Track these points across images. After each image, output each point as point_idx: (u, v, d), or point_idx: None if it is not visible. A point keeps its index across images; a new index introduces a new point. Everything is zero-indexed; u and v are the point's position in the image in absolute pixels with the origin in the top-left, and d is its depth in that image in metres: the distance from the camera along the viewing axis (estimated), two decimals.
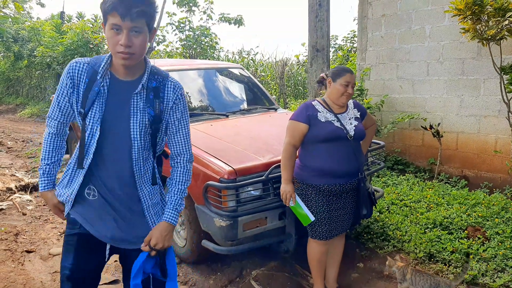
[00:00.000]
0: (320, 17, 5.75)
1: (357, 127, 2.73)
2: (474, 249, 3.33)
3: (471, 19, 4.03)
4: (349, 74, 2.70)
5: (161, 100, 1.76)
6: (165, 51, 13.17)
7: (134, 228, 1.79)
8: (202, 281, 3.22)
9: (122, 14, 1.55)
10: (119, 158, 1.72)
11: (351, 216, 2.82)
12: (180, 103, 1.81)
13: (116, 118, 1.69)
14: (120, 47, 1.59)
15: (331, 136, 2.63)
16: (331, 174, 2.65)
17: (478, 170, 5.07)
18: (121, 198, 1.76)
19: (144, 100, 1.72)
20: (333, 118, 2.70)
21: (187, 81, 4.47)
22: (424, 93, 5.50)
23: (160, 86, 1.76)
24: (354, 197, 2.78)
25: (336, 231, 2.78)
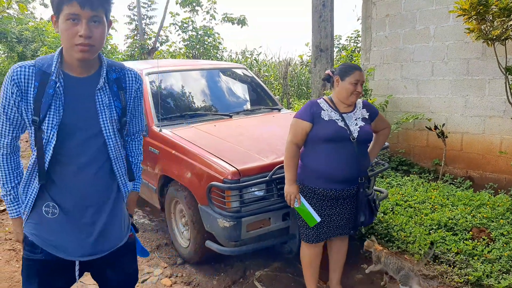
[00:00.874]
0: (324, 17, 5.74)
1: (363, 129, 2.58)
2: (479, 250, 3.31)
3: (476, 19, 4.00)
4: (358, 72, 2.57)
5: (125, 91, 1.70)
6: (168, 51, 13.20)
7: (110, 234, 1.68)
8: (206, 281, 3.21)
9: (82, 2, 1.44)
10: (92, 161, 1.59)
11: (348, 222, 2.71)
12: (141, 92, 1.79)
13: (79, 120, 1.57)
14: (79, 39, 1.46)
15: (332, 136, 2.51)
16: (328, 178, 2.55)
17: (483, 171, 5.04)
18: (93, 205, 1.62)
19: (108, 94, 1.64)
20: (338, 117, 2.58)
21: (190, 81, 4.47)
22: (428, 93, 5.47)
23: (121, 77, 1.69)
24: (353, 203, 2.67)
25: (326, 235, 2.69)
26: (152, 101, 3.94)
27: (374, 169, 3.72)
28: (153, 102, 3.93)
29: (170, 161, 3.45)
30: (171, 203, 3.59)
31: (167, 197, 3.60)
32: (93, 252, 1.64)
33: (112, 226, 1.68)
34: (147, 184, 3.86)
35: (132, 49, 12.70)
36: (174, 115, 3.99)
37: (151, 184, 3.78)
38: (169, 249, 3.74)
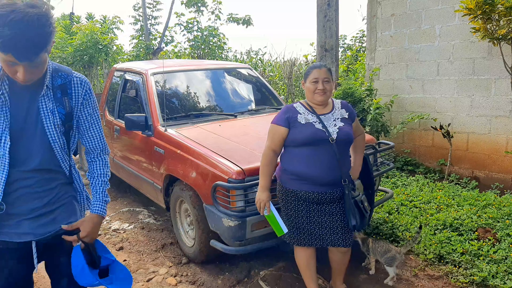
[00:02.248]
0: (329, 16, 5.74)
1: (342, 130, 2.54)
2: (485, 250, 3.30)
3: (481, 18, 3.99)
4: (316, 70, 2.56)
5: (70, 97, 1.71)
6: (173, 51, 13.22)
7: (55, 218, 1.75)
8: (211, 280, 3.22)
9: (19, 58, 1.44)
10: (40, 163, 1.66)
11: (341, 229, 2.61)
12: (90, 98, 1.78)
13: (26, 124, 1.62)
14: (18, 78, 1.51)
15: (310, 139, 2.48)
16: (309, 180, 2.51)
17: (489, 171, 5.02)
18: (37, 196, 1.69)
19: (52, 100, 1.67)
20: (315, 119, 2.55)
21: (195, 81, 4.49)
22: (434, 93, 5.45)
23: (66, 83, 1.71)
24: (341, 208, 2.59)
25: (315, 241, 2.64)
26: (157, 101, 3.95)
27: (380, 169, 3.72)
28: (158, 102, 3.95)
29: (175, 161, 3.46)
30: (176, 203, 3.61)
31: (172, 196, 3.61)
32: (43, 233, 1.70)
33: (57, 211, 1.74)
34: (152, 183, 3.88)
35: (137, 49, 12.73)
36: (179, 115, 4.01)
37: (156, 183, 3.80)
38: (174, 249, 3.75)
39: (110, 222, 4.36)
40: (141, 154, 4.07)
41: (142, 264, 3.51)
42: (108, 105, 4.93)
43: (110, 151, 4.74)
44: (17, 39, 1.39)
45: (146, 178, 3.99)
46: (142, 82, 4.20)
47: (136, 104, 4.28)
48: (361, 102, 5.55)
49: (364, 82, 6.08)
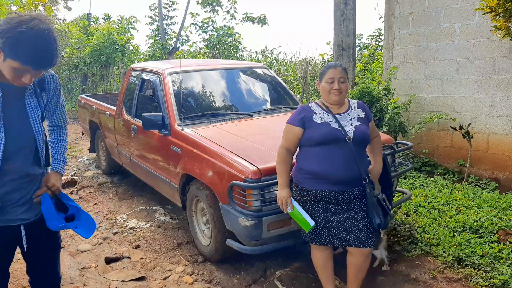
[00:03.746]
0: (346, 15, 5.69)
1: (358, 128, 2.51)
2: (505, 253, 3.23)
3: (503, 16, 3.89)
4: (332, 70, 2.54)
5: (46, 91, 2.00)
6: (188, 51, 13.29)
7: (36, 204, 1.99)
8: (226, 280, 3.23)
9: (37, 67, 1.70)
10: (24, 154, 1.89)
11: (363, 228, 2.53)
12: (59, 90, 2.07)
13: (14, 119, 1.84)
14: (22, 82, 1.72)
15: (326, 138, 2.46)
16: (326, 179, 2.48)
17: (509, 172, 4.91)
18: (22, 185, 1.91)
19: (34, 96, 1.93)
20: (331, 119, 2.53)
21: (211, 81, 4.50)
22: (453, 93, 5.36)
23: (42, 79, 1.96)
24: (361, 206, 2.54)
25: (334, 240, 2.58)
26: (174, 101, 3.97)
27: (397, 170, 3.67)
28: (175, 101, 3.97)
29: (191, 160, 3.47)
30: (193, 202, 3.62)
31: (189, 195, 3.63)
32: (29, 217, 1.95)
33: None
34: (168, 182, 3.90)
35: (153, 49, 12.84)
36: (195, 114, 4.02)
37: (172, 182, 3.82)
38: (191, 247, 3.77)
39: (127, 220, 4.41)
40: (157, 153, 4.09)
41: (158, 262, 3.54)
42: (125, 104, 4.97)
43: (128, 150, 4.80)
44: (37, 55, 1.65)
45: (163, 177, 4.02)
46: (159, 81, 4.23)
47: (153, 103, 4.31)
48: (379, 101, 5.49)
49: (382, 81, 6.01)
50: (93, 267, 3.48)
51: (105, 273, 3.35)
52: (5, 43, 1.62)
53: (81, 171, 6.32)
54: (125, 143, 4.93)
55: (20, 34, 1.60)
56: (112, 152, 5.55)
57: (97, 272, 3.40)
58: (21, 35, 1.60)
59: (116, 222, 4.41)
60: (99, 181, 5.77)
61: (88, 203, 5.05)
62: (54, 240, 2.12)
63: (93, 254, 3.71)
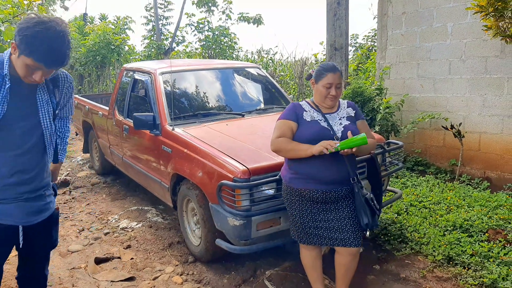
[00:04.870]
0: (339, 15, 5.70)
1: (347, 128, 2.50)
2: (495, 252, 3.23)
3: (493, 16, 3.90)
4: (330, 74, 2.50)
5: (59, 89, 2.06)
6: (184, 51, 13.29)
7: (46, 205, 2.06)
8: (216, 280, 3.22)
9: (49, 66, 1.77)
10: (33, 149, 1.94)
11: (351, 227, 2.53)
12: (72, 89, 2.15)
13: (21, 113, 1.88)
14: (32, 79, 1.79)
15: (315, 136, 2.44)
16: (314, 179, 2.47)
17: (501, 171, 4.92)
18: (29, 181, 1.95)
19: (46, 92, 1.98)
20: (320, 117, 2.53)
21: (203, 81, 4.49)
22: (445, 92, 5.37)
23: (55, 77, 2.03)
24: (349, 206, 2.54)
25: (322, 239, 2.58)
26: (165, 101, 3.97)
27: (388, 169, 3.68)
28: (166, 101, 3.97)
29: (182, 160, 3.47)
30: (183, 202, 3.62)
31: (179, 195, 3.63)
32: (34, 219, 1.99)
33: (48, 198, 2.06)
34: (159, 182, 3.90)
35: (149, 49, 12.83)
36: (187, 114, 4.02)
37: (163, 182, 3.82)
38: (181, 247, 3.77)
39: (118, 221, 4.40)
40: (149, 153, 4.09)
41: (149, 262, 3.53)
42: (117, 104, 4.97)
43: (120, 150, 4.80)
44: (50, 54, 1.73)
45: (154, 177, 4.01)
46: (151, 81, 4.22)
47: (145, 103, 4.31)
48: (371, 101, 5.49)
49: (375, 81, 6.02)
50: (83, 268, 3.47)
51: (94, 274, 3.35)
52: (22, 40, 1.70)
53: (75, 172, 6.31)
54: (117, 143, 4.92)
55: (37, 33, 1.69)
56: (105, 152, 5.54)
57: (87, 272, 3.39)
58: (38, 34, 1.69)
59: (108, 222, 4.40)
60: (92, 182, 5.75)
61: (81, 204, 5.04)
62: (50, 241, 2.17)
63: (84, 255, 3.70)
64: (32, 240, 2.05)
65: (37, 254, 2.16)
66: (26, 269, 2.19)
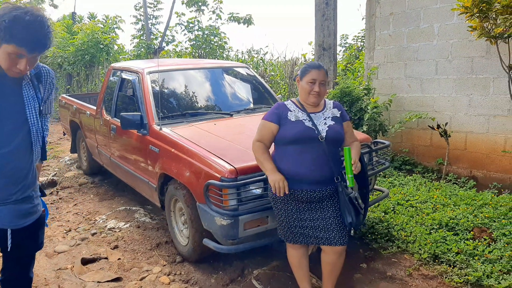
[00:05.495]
0: (327, 16, 5.72)
1: (332, 128, 2.52)
2: (480, 250, 3.27)
3: (478, 16, 3.96)
4: (315, 71, 2.52)
5: (43, 84, 2.03)
6: (174, 51, 13.23)
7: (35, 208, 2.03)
8: (204, 279, 3.22)
9: (31, 49, 1.71)
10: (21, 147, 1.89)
11: (336, 226, 2.54)
12: (53, 84, 2.11)
13: (8, 111, 1.85)
14: (17, 69, 1.75)
15: (299, 136, 2.46)
16: (298, 179, 2.47)
17: (487, 170, 4.99)
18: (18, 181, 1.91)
19: (32, 88, 1.95)
20: (305, 117, 2.53)
21: (191, 80, 4.48)
22: (432, 92, 5.43)
23: (38, 72, 2.00)
24: (335, 205, 2.55)
25: (308, 238, 2.60)
26: (153, 100, 3.95)
27: (375, 168, 3.70)
28: (153, 101, 3.95)
29: (169, 160, 3.46)
30: (171, 201, 3.61)
31: (167, 195, 3.61)
32: (23, 222, 1.97)
33: (36, 199, 2.03)
34: (147, 182, 3.88)
35: (138, 49, 12.76)
36: (174, 113, 4.01)
37: (151, 182, 3.80)
38: (169, 247, 3.75)
39: (106, 221, 4.37)
40: (136, 153, 4.07)
41: (136, 262, 3.51)
42: (105, 104, 4.93)
43: (108, 150, 4.76)
44: (31, 36, 1.69)
45: (142, 177, 3.99)
46: (138, 81, 4.20)
47: (133, 103, 4.28)
48: (359, 101, 5.53)
49: (363, 81, 6.06)
50: (69, 268, 3.44)
51: (81, 274, 3.32)
52: (0, 28, 1.67)
53: (62, 172, 6.25)
54: (105, 143, 4.89)
55: (15, 17, 1.67)
56: (92, 152, 5.50)
57: (73, 273, 3.36)
58: (16, 18, 1.68)
59: (95, 222, 4.37)
60: (80, 182, 5.71)
61: (68, 204, 4.99)
62: (36, 243, 2.13)
63: (70, 255, 3.67)
64: (19, 243, 2.01)
65: (23, 257, 2.13)
66: (11, 271, 2.14)
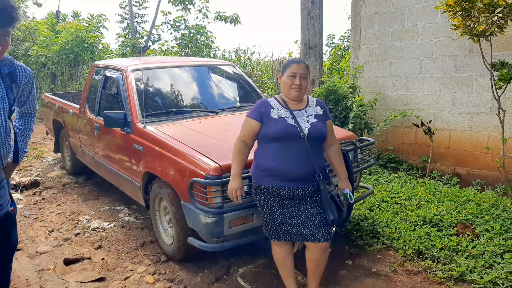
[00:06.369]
0: (313, 14, 5.73)
1: (314, 126, 2.52)
2: (463, 246, 3.31)
3: (461, 15, 4.00)
4: (295, 65, 2.55)
5: (17, 84, 1.96)
6: (160, 50, 13.13)
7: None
8: (189, 278, 3.19)
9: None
10: None
11: (319, 223, 2.54)
12: (32, 84, 2.04)
13: None
14: None
15: (282, 133, 2.47)
16: (281, 176, 2.48)
17: (470, 167, 5.05)
18: None
19: (3, 87, 1.87)
20: (288, 115, 2.53)
21: (176, 78, 4.44)
22: (417, 91, 5.48)
23: (13, 71, 1.93)
24: (317, 202, 2.56)
25: (291, 235, 2.60)
26: (137, 98, 3.91)
27: (360, 166, 3.72)
28: (137, 98, 3.90)
29: (153, 158, 3.42)
30: (155, 200, 3.57)
31: (152, 194, 3.57)
32: None
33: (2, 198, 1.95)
34: (131, 181, 3.83)
35: (124, 47, 12.64)
36: (159, 111, 3.97)
37: (135, 181, 3.75)
38: (154, 247, 3.71)
39: (90, 221, 4.30)
40: (120, 152, 4.02)
41: (120, 262, 3.47)
42: (88, 102, 4.86)
43: (91, 149, 4.70)
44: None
45: (126, 176, 3.94)
46: (122, 78, 4.15)
47: (117, 101, 4.23)
48: (345, 99, 5.55)
49: (348, 80, 6.09)
50: (51, 269, 3.38)
51: (63, 275, 3.26)
52: None
53: (45, 172, 6.14)
54: (88, 142, 4.82)
55: None
56: (76, 151, 5.42)
57: (56, 274, 3.30)
58: None
59: (78, 223, 4.30)
60: (63, 182, 5.62)
61: (51, 204, 4.91)
62: (9, 242, 2.05)
63: (53, 256, 3.61)
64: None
65: None
66: None
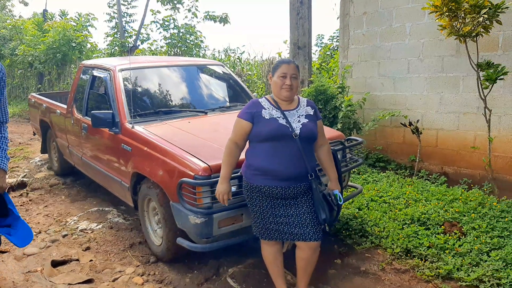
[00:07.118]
0: (302, 14, 5.75)
1: (306, 126, 2.54)
2: (450, 244, 3.35)
3: (448, 15, 4.05)
4: (285, 65, 2.56)
5: None
6: (149, 49, 13.06)
7: None
8: (179, 279, 3.18)
9: None
10: None
11: (310, 222, 2.56)
12: (4, 82, 2.02)
13: None
14: None
15: (273, 134, 2.48)
16: (272, 175, 2.49)
17: (457, 166, 5.11)
18: None
19: None
20: (279, 115, 2.54)
21: (165, 78, 4.42)
22: (404, 91, 5.52)
23: None
24: (309, 201, 2.58)
25: (282, 234, 2.61)
26: (125, 98, 3.88)
27: (349, 165, 3.74)
28: (125, 98, 3.87)
29: (142, 158, 3.40)
30: (144, 201, 3.54)
31: (140, 195, 3.55)
32: None
33: None
34: (120, 182, 3.80)
35: (112, 47, 12.53)
36: (147, 111, 3.94)
37: (124, 181, 3.73)
38: (143, 248, 3.69)
39: (78, 222, 4.26)
40: (108, 152, 3.98)
41: (108, 264, 3.44)
42: (76, 102, 4.81)
43: (79, 150, 4.65)
44: None
45: (114, 177, 3.91)
46: (110, 78, 4.11)
47: (105, 101, 4.19)
48: (334, 99, 5.58)
49: (337, 80, 6.12)
50: (39, 271, 3.34)
51: (51, 277, 3.23)
52: None
53: (32, 173, 6.06)
54: (76, 142, 4.77)
55: None
56: (63, 152, 5.36)
57: (43, 276, 3.26)
58: None
59: (66, 224, 4.26)
60: (51, 183, 5.55)
61: (38, 206, 4.85)
62: None
63: (40, 258, 3.56)
64: None
65: None
66: None
